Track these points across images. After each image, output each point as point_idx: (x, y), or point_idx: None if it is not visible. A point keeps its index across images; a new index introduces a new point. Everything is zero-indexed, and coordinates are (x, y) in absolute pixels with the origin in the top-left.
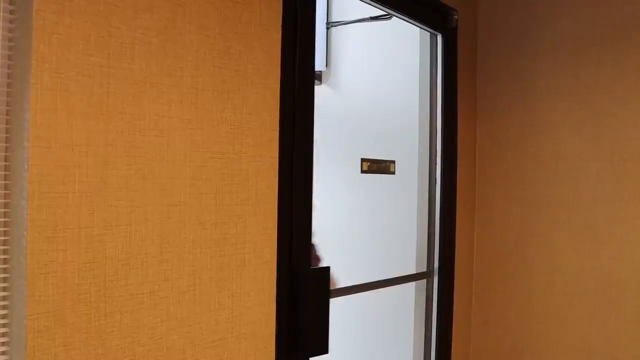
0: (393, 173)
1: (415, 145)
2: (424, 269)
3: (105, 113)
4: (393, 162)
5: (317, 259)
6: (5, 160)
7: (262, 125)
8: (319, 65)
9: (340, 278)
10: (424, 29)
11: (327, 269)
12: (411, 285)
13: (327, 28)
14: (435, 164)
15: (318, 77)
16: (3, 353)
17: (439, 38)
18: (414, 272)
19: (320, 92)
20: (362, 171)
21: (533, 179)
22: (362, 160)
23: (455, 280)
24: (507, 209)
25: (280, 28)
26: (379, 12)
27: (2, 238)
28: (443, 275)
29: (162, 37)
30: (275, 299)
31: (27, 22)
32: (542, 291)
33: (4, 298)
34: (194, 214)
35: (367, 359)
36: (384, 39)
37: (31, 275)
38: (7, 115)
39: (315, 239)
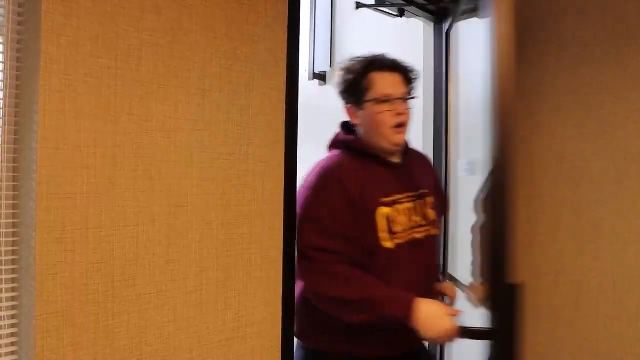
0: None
1: (420, 145)
2: None
3: (113, 114)
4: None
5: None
6: (14, 162)
7: (269, 125)
8: (324, 65)
9: None
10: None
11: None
12: None
13: (357, 8)
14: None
15: (322, 77)
16: (12, 353)
17: (443, 37)
18: None
19: (325, 92)
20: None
21: (537, 179)
22: (472, 161)
23: None
24: None
25: (287, 29)
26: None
27: (12, 239)
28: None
29: (169, 38)
30: (281, 299)
31: (36, 23)
32: (546, 292)
33: (14, 298)
34: (200, 215)
35: None
36: (389, 38)
37: (40, 276)
38: (15, 117)
39: None
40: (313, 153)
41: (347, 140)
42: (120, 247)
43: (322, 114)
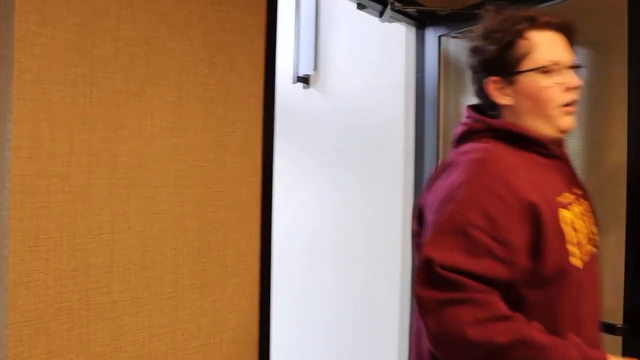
0: None
1: (407, 149)
2: (408, 273)
3: (88, 123)
4: None
5: None
6: None
7: (246, 132)
8: (307, 68)
9: (323, 283)
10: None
11: None
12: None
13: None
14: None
15: (306, 80)
16: None
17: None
18: (398, 275)
19: (309, 95)
20: None
21: None
22: None
23: None
24: None
25: (265, 36)
26: (367, 16)
27: None
28: None
29: (146, 47)
30: (257, 305)
31: (9, 32)
32: None
33: None
34: (176, 222)
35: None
36: (373, 41)
37: (13, 285)
38: None
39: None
40: (296, 155)
41: (499, 126)
42: (95, 254)
43: (306, 117)
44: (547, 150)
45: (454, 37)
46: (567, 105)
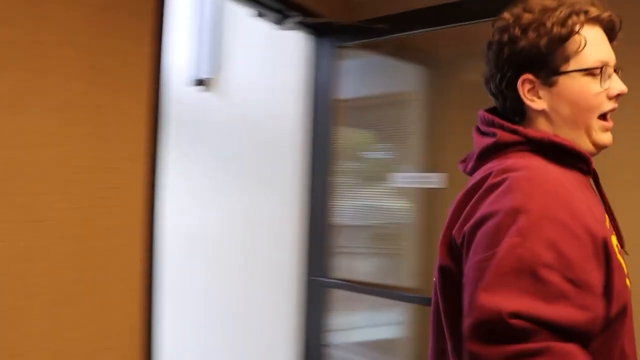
0: None
1: (301, 153)
2: (304, 279)
3: None
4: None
5: None
6: None
7: (132, 138)
8: (207, 72)
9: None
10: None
11: None
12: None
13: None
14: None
15: (205, 83)
16: None
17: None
18: (291, 280)
19: (207, 98)
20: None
21: None
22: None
23: None
24: None
25: (151, 42)
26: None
27: None
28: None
29: (28, 51)
30: (143, 310)
31: None
32: None
33: None
34: (59, 229)
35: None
36: (274, 46)
37: None
38: None
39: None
40: (192, 158)
41: (541, 138)
42: None
43: (203, 120)
44: (589, 167)
45: (348, 47)
46: (604, 115)
